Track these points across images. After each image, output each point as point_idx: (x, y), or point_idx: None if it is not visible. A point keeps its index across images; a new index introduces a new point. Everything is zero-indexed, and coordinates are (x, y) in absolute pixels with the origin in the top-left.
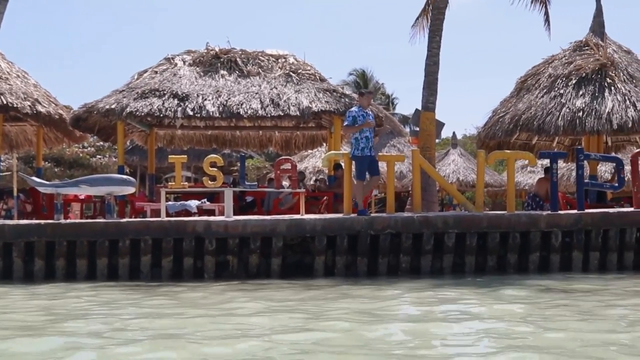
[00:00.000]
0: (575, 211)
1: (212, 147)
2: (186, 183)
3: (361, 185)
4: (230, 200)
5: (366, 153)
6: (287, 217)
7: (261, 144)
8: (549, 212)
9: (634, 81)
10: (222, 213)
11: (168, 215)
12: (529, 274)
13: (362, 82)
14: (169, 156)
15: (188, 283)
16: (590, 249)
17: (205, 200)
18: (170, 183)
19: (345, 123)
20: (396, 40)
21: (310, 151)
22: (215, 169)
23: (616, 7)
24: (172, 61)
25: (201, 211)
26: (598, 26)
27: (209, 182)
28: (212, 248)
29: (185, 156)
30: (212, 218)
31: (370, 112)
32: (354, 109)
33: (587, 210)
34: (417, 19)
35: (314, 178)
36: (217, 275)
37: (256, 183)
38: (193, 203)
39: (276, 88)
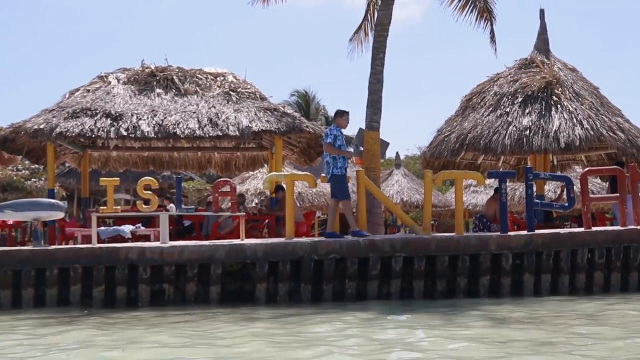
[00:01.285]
0: (525, 232)
1: (150, 169)
2: (119, 207)
3: (349, 204)
4: (166, 225)
5: (343, 173)
6: (226, 242)
7: (200, 165)
8: (499, 233)
9: (580, 99)
10: (158, 239)
11: (100, 241)
12: (479, 298)
13: (304, 103)
14: (101, 179)
15: (120, 314)
16: (542, 272)
17: (140, 225)
18: (102, 208)
19: (328, 141)
20: (338, 62)
21: (252, 173)
22: (150, 192)
23: (560, 25)
24: (105, 79)
25: (136, 237)
26: (543, 44)
27: (143, 206)
28: (146, 276)
29: (118, 179)
30: (146, 244)
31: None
32: (332, 128)
33: (537, 232)
34: (355, 33)
35: (256, 201)
36: (152, 304)
37: (193, 207)
38: (127, 228)
39: (215, 107)
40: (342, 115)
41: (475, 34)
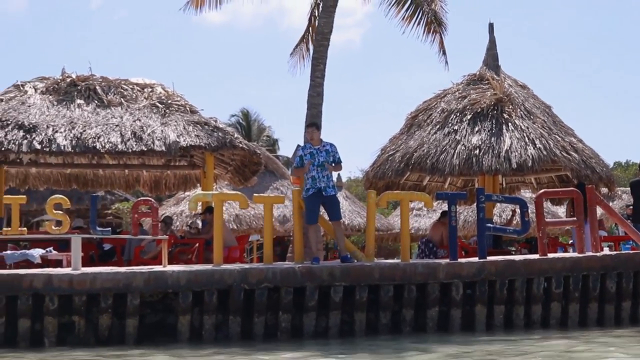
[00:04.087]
0: (476, 259)
1: (72, 188)
2: (25, 229)
3: (314, 230)
4: (78, 249)
5: (310, 193)
6: (145, 269)
7: (127, 184)
8: (447, 260)
9: (532, 117)
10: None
11: (4, 266)
12: (427, 333)
13: (246, 123)
14: (5, 196)
15: (21, 353)
16: (495, 302)
17: (51, 249)
18: (5, 229)
19: (293, 165)
20: (281, 83)
21: (188, 193)
22: (61, 212)
23: (509, 39)
24: (21, 88)
25: (46, 262)
26: (492, 59)
27: (53, 227)
28: (53, 307)
29: (25, 196)
30: (54, 271)
31: (321, 148)
32: (301, 146)
33: (489, 258)
34: (297, 46)
35: (190, 222)
36: (59, 340)
37: (109, 229)
38: (36, 252)
39: (140, 120)
40: (306, 128)
41: (417, 56)
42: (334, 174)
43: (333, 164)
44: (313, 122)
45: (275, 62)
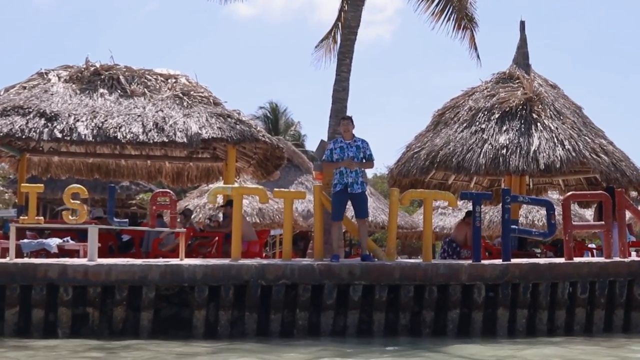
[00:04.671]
0: (500, 261)
1: (94, 178)
2: (42, 217)
3: (337, 227)
4: (94, 239)
5: (337, 189)
6: (161, 262)
7: (149, 175)
8: (470, 261)
9: (561, 118)
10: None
11: (21, 255)
12: (446, 336)
13: (274, 117)
14: (22, 184)
15: (34, 341)
16: (518, 306)
17: (69, 238)
18: (22, 217)
19: (323, 158)
20: (309, 78)
21: (211, 186)
22: (78, 202)
23: (541, 38)
24: (45, 76)
25: (63, 251)
26: (522, 58)
27: (70, 217)
28: (67, 298)
29: (42, 185)
30: (69, 261)
31: (352, 143)
32: (324, 141)
33: (513, 261)
34: (323, 40)
35: (211, 215)
36: (73, 331)
37: (127, 220)
38: (53, 242)
39: (162, 111)
40: (340, 121)
41: (446, 53)
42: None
43: (364, 160)
44: (348, 116)
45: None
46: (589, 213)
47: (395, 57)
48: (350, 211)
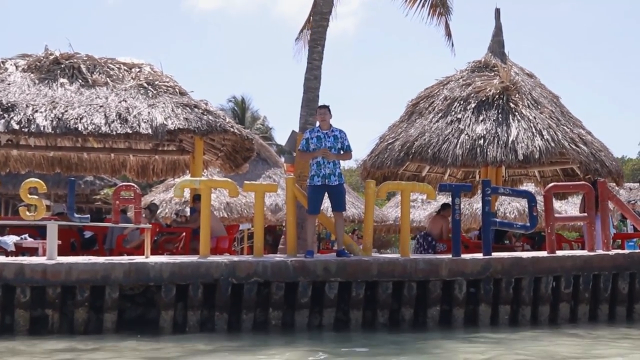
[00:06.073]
0: (481, 256)
1: (55, 172)
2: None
3: (312, 222)
4: (54, 236)
5: (315, 182)
6: (125, 259)
7: (113, 169)
8: (449, 256)
9: (539, 107)
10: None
11: None
12: (426, 331)
13: (240, 110)
14: None
15: None
16: (500, 302)
17: (26, 236)
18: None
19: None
20: (274, 71)
21: (177, 180)
22: (36, 197)
23: (516, 27)
24: (2, 65)
25: (21, 249)
26: (497, 46)
27: (27, 213)
28: (25, 299)
29: None
30: (27, 260)
31: (329, 133)
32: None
33: (494, 255)
34: (301, 31)
35: (178, 210)
36: (31, 334)
37: (88, 216)
38: (9, 239)
39: (125, 101)
40: (317, 110)
41: (414, 45)
42: (342, 162)
43: (341, 152)
44: (325, 105)
45: (269, 50)
46: (559, 205)
47: (361, 49)
48: (324, 204)
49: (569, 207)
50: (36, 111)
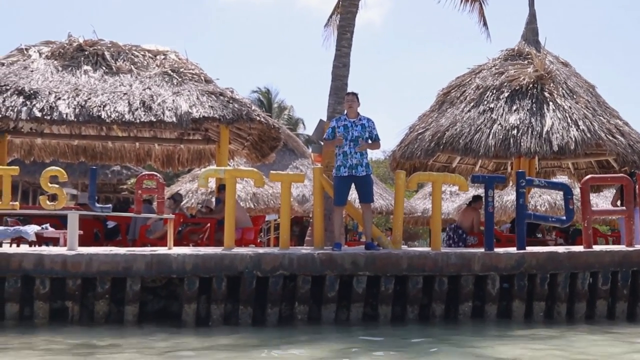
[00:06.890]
0: (514, 250)
1: (80, 161)
2: (17, 203)
3: (339, 213)
4: (74, 227)
5: (342, 173)
6: (147, 251)
7: (138, 158)
8: (482, 250)
9: (575, 97)
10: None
11: None
12: (458, 327)
13: (266, 101)
14: None
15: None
16: (535, 298)
17: (48, 225)
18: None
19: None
20: (303, 63)
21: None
22: (57, 186)
23: (551, 14)
24: (25, 52)
25: (42, 239)
26: (531, 34)
27: (47, 202)
28: (44, 291)
29: (17, 167)
30: (46, 250)
31: (356, 121)
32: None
33: (529, 249)
34: (330, 16)
35: (203, 200)
36: (51, 327)
37: (110, 205)
38: (30, 229)
39: (150, 89)
40: (345, 97)
41: (442, 36)
42: (369, 152)
43: (369, 141)
44: (353, 92)
45: (294, 41)
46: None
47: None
48: (352, 195)
49: (600, 200)
50: (59, 98)
